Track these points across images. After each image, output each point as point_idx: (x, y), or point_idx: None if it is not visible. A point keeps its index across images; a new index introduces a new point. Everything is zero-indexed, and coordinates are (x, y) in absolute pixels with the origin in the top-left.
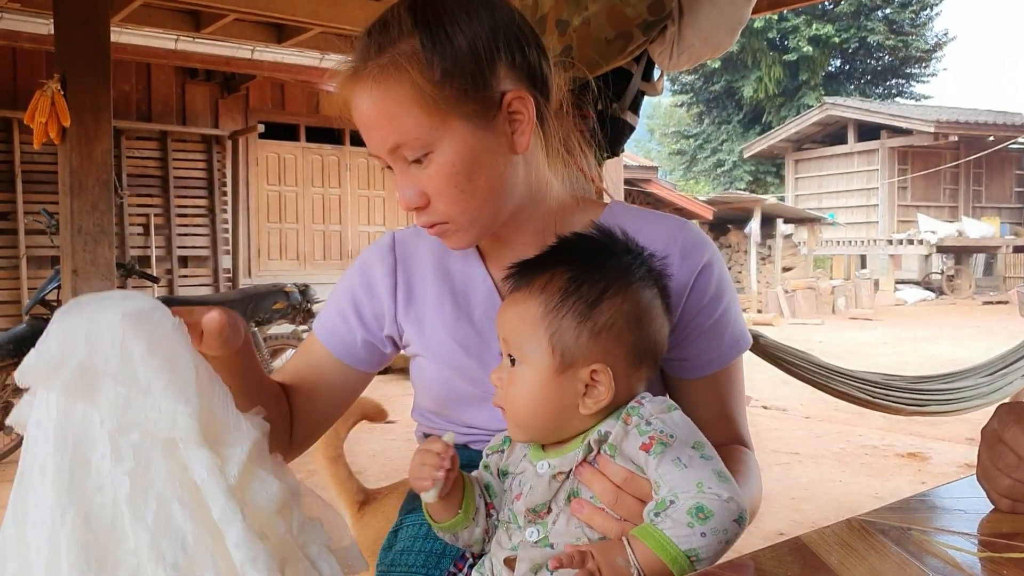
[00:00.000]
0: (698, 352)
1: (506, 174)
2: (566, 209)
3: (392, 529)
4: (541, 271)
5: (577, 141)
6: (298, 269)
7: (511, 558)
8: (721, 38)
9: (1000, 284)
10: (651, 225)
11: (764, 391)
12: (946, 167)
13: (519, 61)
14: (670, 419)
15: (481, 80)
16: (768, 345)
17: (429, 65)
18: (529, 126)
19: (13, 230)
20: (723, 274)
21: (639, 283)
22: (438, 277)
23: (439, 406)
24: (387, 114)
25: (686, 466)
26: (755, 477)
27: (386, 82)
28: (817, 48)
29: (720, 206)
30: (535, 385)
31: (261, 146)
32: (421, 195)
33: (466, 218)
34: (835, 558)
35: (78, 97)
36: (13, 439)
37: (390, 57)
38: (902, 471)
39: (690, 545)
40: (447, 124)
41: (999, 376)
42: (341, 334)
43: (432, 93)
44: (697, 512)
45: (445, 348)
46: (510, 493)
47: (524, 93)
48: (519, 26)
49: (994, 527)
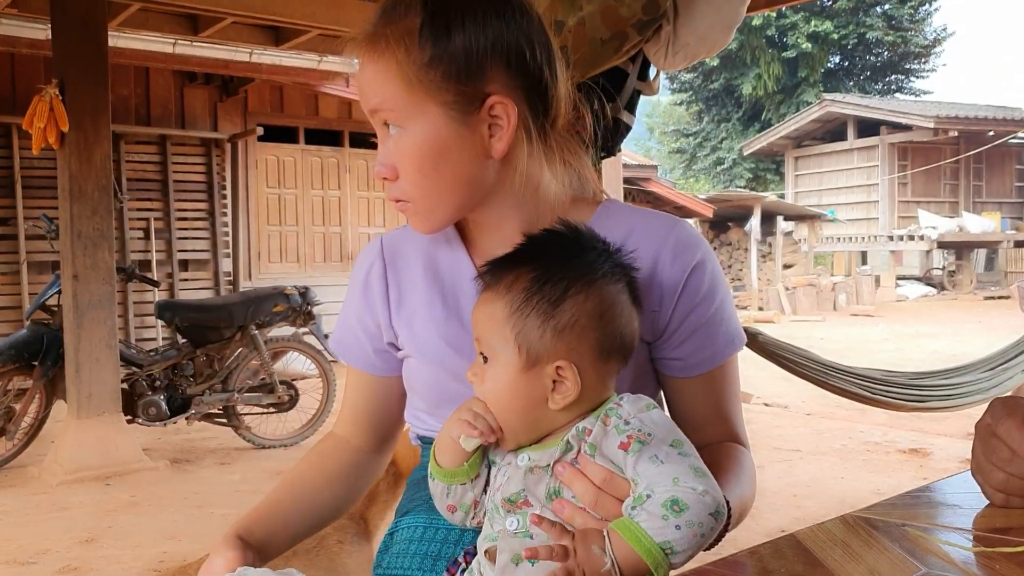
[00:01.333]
0: (692, 351)
1: (474, 172)
2: (560, 209)
3: (388, 531)
4: (507, 270)
5: (579, 146)
6: (298, 271)
7: (492, 549)
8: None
9: (1001, 279)
10: (643, 223)
11: (765, 389)
12: (946, 162)
13: (517, 66)
14: (648, 418)
15: (467, 74)
16: (769, 343)
17: (421, 46)
18: (508, 133)
19: (13, 235)
20: (716, 272)
21: (603, 279)
22: (427, 277)
23: (432, 407)
24: (374, 77)
25: (663, 462)
26: (749, 475)
27: (380, 49)
28: (816, 45)
29: (720, 204)
30: (505, 382)
31: (260, 149)
32: (392, 168)
33: (425, 203)
34: (833, 555)
35: (77, 102)
36: (15, 444)
37: (392, 28)
38: (904, 467)
39: (664, 537)
40: (423, 106)
41: (999, 371)
42: (351, 346)
43: (414, 74)
44: (672, 505)
45: (436, 348)
46: (492, 483)
47: (509, 101)
48: (529, 31)
49: (988, 522)
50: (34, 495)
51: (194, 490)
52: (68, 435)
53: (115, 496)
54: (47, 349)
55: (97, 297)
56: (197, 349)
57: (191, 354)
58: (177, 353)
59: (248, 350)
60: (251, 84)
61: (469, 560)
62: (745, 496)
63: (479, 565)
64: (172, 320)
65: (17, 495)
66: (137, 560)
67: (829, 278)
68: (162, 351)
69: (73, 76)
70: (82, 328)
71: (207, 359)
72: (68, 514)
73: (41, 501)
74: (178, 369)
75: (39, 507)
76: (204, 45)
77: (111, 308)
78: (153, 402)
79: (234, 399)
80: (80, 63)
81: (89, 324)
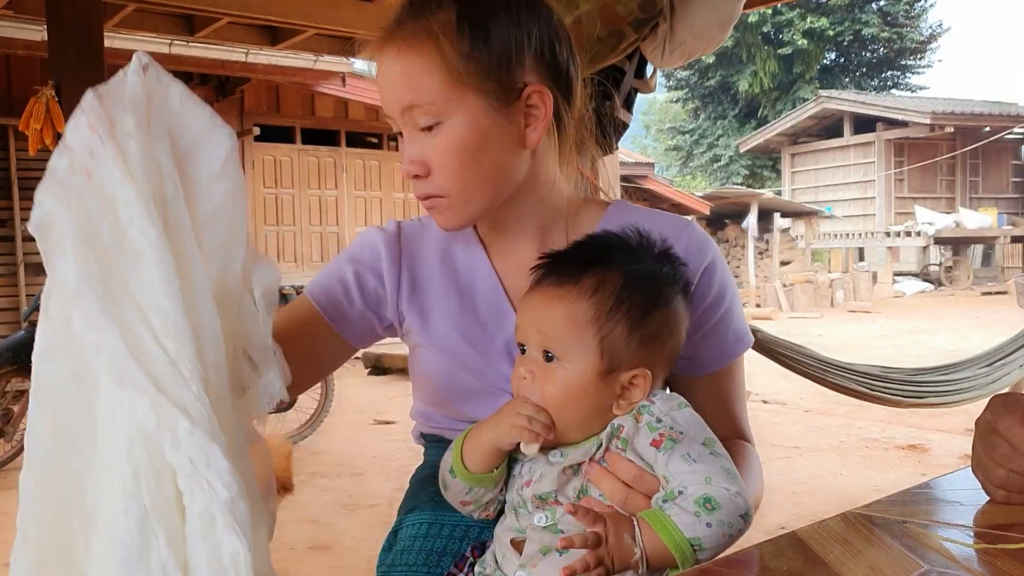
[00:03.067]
0: (702, 350)
1: (510, 164)
2: (571, 208)
3: (392, 529)
4: (586, 269)
5: (590, 145)
6: (296, 271)
7: (518, 540)
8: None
9: (998, 274)
10: (655, 225)
11: (764, 385)
12: (943, 158)
13: (548, 59)
14: (680, 416)
15: (506, 64)
16: (767, 340)
17: (460, 36)
18: (544, 123)
19: (11, 237)
20: (726, 272)
21: (679, 293)
22: (443, 269)
23: (441, 400)
24: (408, 73)
25: (695, 461)
26: (757, 471)
27: (415, 45)
28: (812, 41)
29: (717, 201)
30: (576, 385)
31: (257, 149)
32: (423, 164)
33: (463, 196)
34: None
35: (73, 103)
36: (13, 446)
37: (424, 23)
38: (902, 463)
39: (695, 533)
40: (464, 97)
41: (997, 367)
42: (338, 300)
43: (456, 63)
44: (705, 503)
45: (450, 340)
46: (520, 478)
47: (545, 89)
48: (555, 27)
49: (989, 519)
50: None
51: None
52: None
53: None
54: None
55: None
56: None
57: None
58: None
59: None
60: (247, 84)
61: (476, 555)
62: (756, 492)
63: (495, 555)
64: None
65: (15, 497)
66: None
67: (826, 275)
68: None
69: (69, 77)
70: None
71: None
72: None
73: None
74: None
75: None
76: (200, 45)
77: None
78: None
79: None
80: (76, 64)
81: None
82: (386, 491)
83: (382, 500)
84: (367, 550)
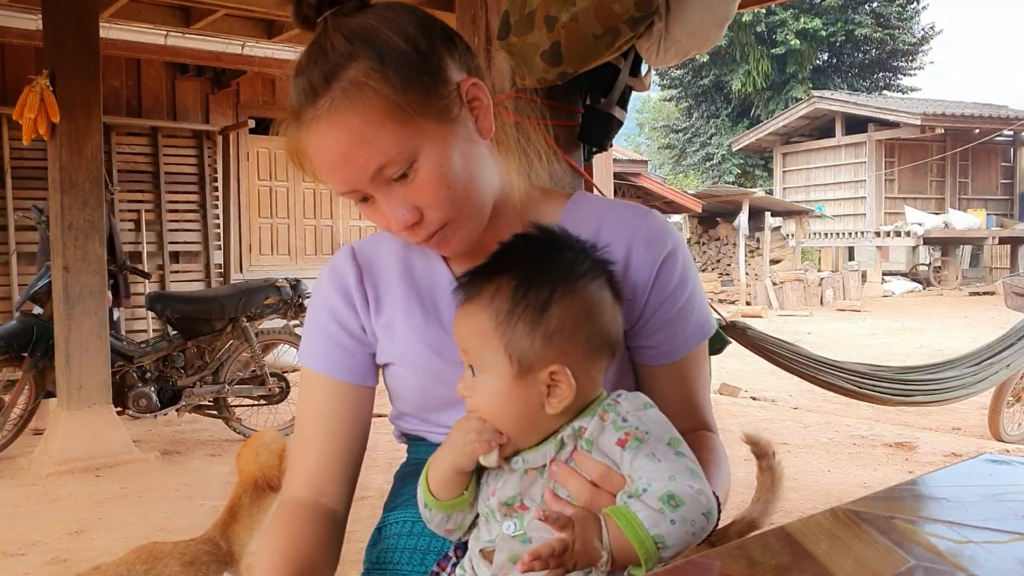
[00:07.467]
0: (664, 339)
1: (481, 160)
2: (531, 201)
3: (376, 527)
4: (487, 280)
5: (535, 132)
6: (289, 264)
7: (488, 550)
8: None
9: (987, 275)
10: (614, 215)
11: (753, 382)
12: (933, 159)
13: (456, 52)
14: (646, 416)
15: (434, 75)
16: (756, 337)
17: (385, 76)
18: (489, 110)
19: (3, 226)
20: (687, 261)
21: (584, 279)
22: (403, 282)
23: (418, 411)
24: (361, 139)
25: (660, 460)
26: (724, 461)
27: (351, 106)
28: (805, 42)
29: (709, 199)
30: (498, 392)
31: (252, 141)
32: (413, 209)
33: (464, 214)
34: (821, 547)
35: (68, 93)
36: (5, 435)
37: (346, 83)
38: (890, 460)
39: (659, 530)
40: (421, 130)
41: (984, 366)
42: (338, 356)
43: (400, 102)
44: (669, 499)
45: (419, 355)
46: (487, 487)
47: (475, 78)
48: (436, 22)
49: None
50: (24, 486)
51: (184, 482)
52: (58, 426)
53: (105, 487)
54: (37, 340)
55: (87, 288)
56: (188, 341)
57: (182, 346)
58: (168, 345)
59: (239, 342)
60: (243, 76)
61: (459, 555)
62: (726, 486)
63: (471, 563)
64: (163, 312)
65: (6, 486)
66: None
67: (816, 273)
68: (153, 343)
69: (64, 67)
70: (72, 319)
71: (198, 351)
72: (58, 505)
73: (31, 492)
74: (168, 361)
75: (28, 498)
76: (196, 37)
77: (101, 299)
78: (143, 393)
79: (225, 391)
80: (71, 54)
81: (79, 315)
82: (376, 483)
83: (372, 492)
84: (357, 542)
